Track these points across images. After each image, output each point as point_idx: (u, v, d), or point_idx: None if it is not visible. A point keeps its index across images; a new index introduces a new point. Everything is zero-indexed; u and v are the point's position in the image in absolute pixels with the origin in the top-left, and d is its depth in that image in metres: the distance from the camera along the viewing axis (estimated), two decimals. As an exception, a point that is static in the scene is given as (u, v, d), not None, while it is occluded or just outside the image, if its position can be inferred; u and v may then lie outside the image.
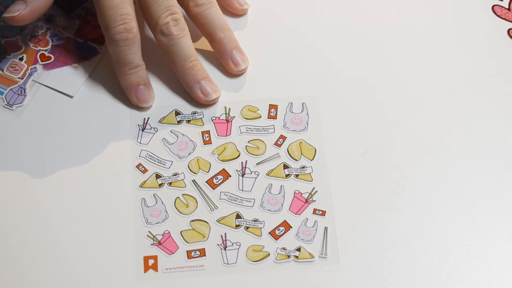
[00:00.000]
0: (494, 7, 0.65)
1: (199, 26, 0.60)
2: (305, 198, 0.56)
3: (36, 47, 0.61)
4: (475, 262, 0.54)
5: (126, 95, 0.58)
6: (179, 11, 0.57)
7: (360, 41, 0.62)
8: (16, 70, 0.60)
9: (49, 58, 0.60)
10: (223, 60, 0.60)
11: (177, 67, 0.58)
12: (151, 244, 0.54)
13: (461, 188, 0.56)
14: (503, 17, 0.64)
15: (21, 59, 0.60)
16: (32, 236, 0.54)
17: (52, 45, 0.61)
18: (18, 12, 0.55)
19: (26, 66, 0.60)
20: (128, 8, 0.56)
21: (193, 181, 0.56)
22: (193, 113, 0.58)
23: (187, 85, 0.58)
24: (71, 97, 0.59)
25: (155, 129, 0.58)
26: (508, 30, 0.64)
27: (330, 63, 0.61)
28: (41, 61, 0.60)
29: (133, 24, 0.56)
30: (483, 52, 0.62)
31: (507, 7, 0.65)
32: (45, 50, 0.61)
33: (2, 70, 0.60)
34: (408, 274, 0.53)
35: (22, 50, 0.60)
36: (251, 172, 0.56)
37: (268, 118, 0.59)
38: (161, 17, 0.56)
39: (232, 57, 0.59)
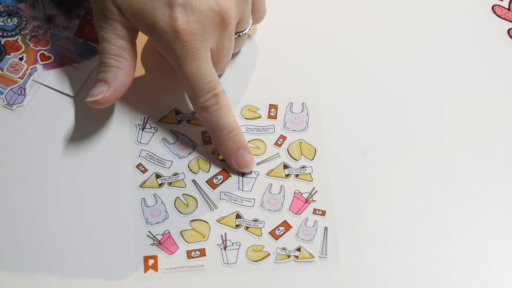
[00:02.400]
0: (494, 7, 0.65)
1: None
2: (305, 198, 0.56)
3: (36, 47, 0.61)
4: (475, 262, 0.54)
5: (227, 162, 0.56)
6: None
7: (360, 41, 0.62)
8: (16, 70, 0.60)
9: (49, 58, 0.60)
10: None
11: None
12: (151, 244, 0.54)
13: (461, 188, 0.56)
14: (503, 17, 0.65)
15: (21, 59, 0.60)
16: (32, 236, 0.54)
17: (52, 45, 0.61)
18: (102, 95, 0.54)
19: (26, 66, 0.60)
20: (213, 74, 0.54)
21: (193, 181, 0.56)
22: (193, 113, 0.58)
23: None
24: (71, 97, 0.59)
25: (155, 128, 0.58)
26: (508, 30, 0.64)
27: (330, 63, 0.61)
28: (41, 61, 0.60)
29: (220, 87, 0.54)
30: (483, 52, 0.62)
31: (507, 7, 0.65)
32: (45, 50, 0.61)
33: (2, 70, 0.60)
34: (408, 274, 0.53)
35: (22, 50, 0.60)
36: (251, 172, 0.56)
37: (268, 118, 0.59)
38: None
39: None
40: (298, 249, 0.54)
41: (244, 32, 0.58)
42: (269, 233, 0.54)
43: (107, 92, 0.54)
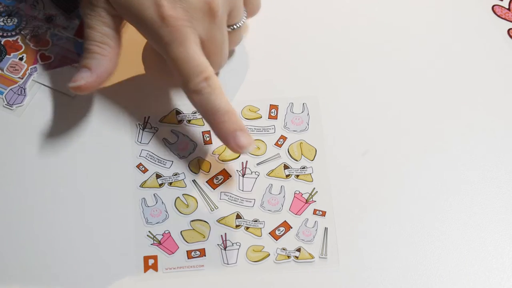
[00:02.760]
0: (494, 7, 0.65)
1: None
2: (306, 198, 0.56)
3: (36, 47, 0.61)
4: (475, 262, 0.54)
5: (225, 145, 0.55)
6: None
7: (360, 41, 0.62)
8: (16, 70, 0.60)
9: (49, 58, 0.60)
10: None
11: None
12: (151, 244, 0.54)
13: (461, 188, 0.56)
14: (503, 17, 0.64)
15: (21, 59, 0.60)
16: (32, 236, 0.54)
17: (52, 45, 0.61)
18: (84, 81, 0.53)
19: (26, 66, 0.60)
20: (202, 58, 0.53)
21: (194, 181, 0.56)
22: (194, 113, 0.58)
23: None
24: (71, 97, 0.59)
25: (156, 128, 0.58)
26: (508, 30, 0.64)
27: (331, 63, 0.61)
28: (41, 61, 0.60)
29: (210, 69, 0.53)
30: (483, 52, 0.62)
31: (507, 7, 0.65)
32: (45, 50, 0.60)
33: (2, 70, 0.60)
34: (408, 274, 0.53)
35: (22, 50, 0.60)
36: (252, 172, 0.56)
37: (268, 118, 0.59)
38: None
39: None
40: (298, 250, 0.54)
41: (238, 25, 0.57)
42: (269, 233, 0.54)
43: (90, 78, 0.53)
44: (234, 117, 0.54)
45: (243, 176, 0.56)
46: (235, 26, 0.57)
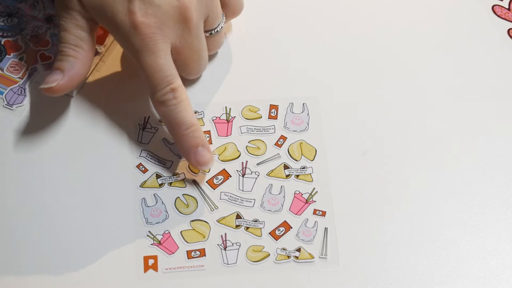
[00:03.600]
0: (494, 7, 0.65)
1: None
2: (305, 198, 0.56)
3: (36, 47, 0.61)
4: (475, 262, 0.54)
5: (185, 158, 0.56)
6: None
7: (360, 41, 0.62)
8: (16, 70, 0.60)
9: (49, 58, 0.60)
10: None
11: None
12: (151, 244, 0.54)
13: (461, 188, 0.56)
14: (503, 17, 0.64)
15: (21, 59, 0.60)
16: (32, 236, 0.54)
17: (52, 45, 0.61)
18: (56, 83, 0.53)
19: (26, 66, 0.60)
20: (171, 69, 0.53)
21: (194, 181, 0.56)
22: (194, 113, 0.58)
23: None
24: (71, 97, 0.59)
25: (156, 128, 0.58)
26: (508, 30, 0.64)
27: (331, 64, 0.61)
28: (41, 61, 0.60)
29: (178, 82, 0.54)
30: (483, 52, 0.62)
31: (507, 7, 0.65)
32: (45, 50, 0.60)
33: (2, 70, 0.60)
34: (408, 274, 0.53)
35: (22, 50, 0.60)
36: (252, 172, 0.56)
37: (268, 118, 0.59)
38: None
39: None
40: (298, 250, 0.54)
41: (216, 30, 0.57)
42: (269, 233, 0.54)
43: (62, 80, 0.54)
44: (198, 132, 0.54)
45: (243, 176, 0.56)
46: (213, 32, 0.57)
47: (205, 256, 0.54)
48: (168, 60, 0.53)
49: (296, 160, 0.57)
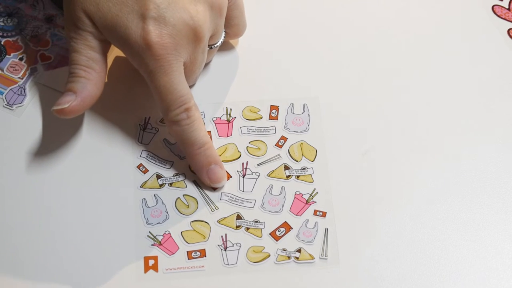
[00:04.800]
0: (494, 7, 0.65)
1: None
2: (306, 199, 0.56)
3: (36, 47, 0.60)
4: (475, 262, 0.54)
5: (198, 177, 0.56)
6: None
7: (361, 42, 0.62)
8: (16, 70, 0.60)
9: (49, 58, 0.60)
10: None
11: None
12: (152, 245, 0.54)
13: (461, 188, 0.56)
14: (503, 17, 0.64)
15: (21, 59, 0.60)
16: (32, 236, 0.54)
17: (52, 45, 0.61)
18: (68, 104, 0.53)
19: (26, 66, 0.60)
20: (185, 88, 0.54)
21: (194, 181, 0.56)
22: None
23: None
24: (71, 97, 0.59)
25: (156, 129, 0.58)
26: (508, 30, 0.64)
27: (332, 64, 0.61)
28: (41, 61, 0.60)
29: (192, 102, 0.54)
30: (483, 52, 0.62)
31: (507, 7, 0.65)
32: (45, 50, 0.60)
33: (2, 70, 0.60)
34: (408, 274, 0.53)
35: (22, 50, 0.60)
36: (252, 173, 0.56)
37: (269, 119, 0.59)
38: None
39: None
40: (299, 250, 0.54)
41: (216, 45, 0.58)
42: (270, 234, 0.54)
43: (74, 102, 0.53)
44: (210, 150, 0.55)
45: (243, 177, 0.56)
46: (213, 47, 0.58)
47: (205, 256, 0.54)
48: (182, 80, 0.53)
49: (297, 161, 0.57)
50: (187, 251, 0.54)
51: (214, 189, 0.56)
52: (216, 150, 0.56)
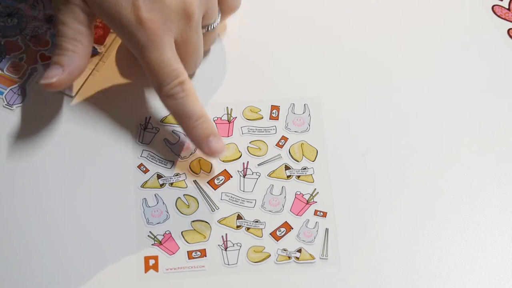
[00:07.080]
0: (494, 7, 0.65)
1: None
2: (306, 199, 0.56)
3: (36, 47, 0.60)
4: (475, 262, 0.54)
5: (198, 148, 0.56)
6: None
7: (361, 42, 0.62)
8: (16, 70, 0.59)
9: (49, 58, 0.60)
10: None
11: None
12: (152, 244, 0.54)
13: (461, 188, 0.56)
14: (503, 17, 0.65)
15: (21, 59, 0.60)
16: (32, 236, 0.54)
17: (52, 45, 0.61)
18: (56, 78, 0.53)
19: (26, 66, 0.60)
20: (177, 62, 0.53)
21: (195, 181, 0.56)
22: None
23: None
24: (71, 97, 0.59)
25: (157, 129, 0.58)
26: (508, 30, 0.64)
27: (332, 64, 0.61)
28: (41, 61, 0.60)
29: (185, 75, 0.54)
30: (483, 52, 0.62)
31: (507, 7, 0.65)
32: (45, 50, 0.60)
33: (2, 70, 0.59)
34: (408, 274, 0.53)
35: (22, 50, 0.60)
36: (253, 173, 0.56)
37: (270, 119, 0.59)
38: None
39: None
40: (299, 250, 0.54)
41: (212, 26, 0.57)
42: (270, 234, 0.54)
43: (62, 75, 0.53)
44: (207, 122, 0.55)
45: (244, 177, 0.56)
46: (209, 28, 0.57)
47: (205, 256, 0.54)
48: (174, 53, 0.53)
49: (297, 161, 0.57)
50: (187, 251, 0.54)
51: (214, 189, 0.56)
52: (213, 122, 0.56)
